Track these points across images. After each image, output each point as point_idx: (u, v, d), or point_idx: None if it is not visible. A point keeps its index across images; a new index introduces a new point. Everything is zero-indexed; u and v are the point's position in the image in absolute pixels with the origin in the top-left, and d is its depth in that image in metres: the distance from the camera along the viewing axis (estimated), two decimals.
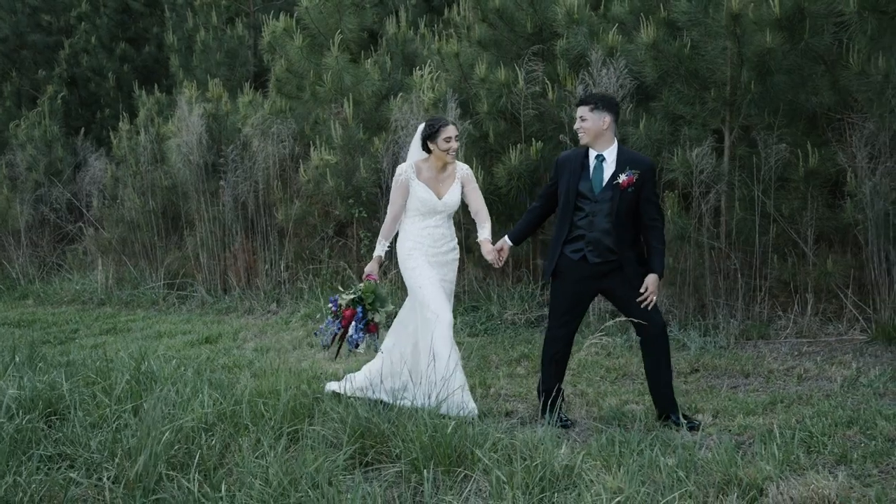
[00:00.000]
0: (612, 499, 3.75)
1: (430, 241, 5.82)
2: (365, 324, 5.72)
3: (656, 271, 5.30)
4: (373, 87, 10.72)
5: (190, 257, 11.61)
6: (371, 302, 5.71)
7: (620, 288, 5.32)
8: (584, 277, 5.32)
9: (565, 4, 8.49)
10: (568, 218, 5.32)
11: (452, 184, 5.86)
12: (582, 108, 5.35)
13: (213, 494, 4.13)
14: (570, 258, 5.33)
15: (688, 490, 3.99)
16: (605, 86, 7.91)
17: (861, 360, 6.39)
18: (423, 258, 5.79)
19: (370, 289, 5.75)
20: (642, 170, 5.25)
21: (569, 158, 5.46)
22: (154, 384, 5.96)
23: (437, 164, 5.83)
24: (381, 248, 6.01)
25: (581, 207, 5.30)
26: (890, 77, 6.60)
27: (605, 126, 5.29)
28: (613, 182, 5.23)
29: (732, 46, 7.33)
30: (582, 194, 5.29)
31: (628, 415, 5.43)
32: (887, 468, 4.38)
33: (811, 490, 3.91)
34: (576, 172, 5.32)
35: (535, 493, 3.97)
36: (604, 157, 5.30)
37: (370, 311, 5.72)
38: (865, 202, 6.77)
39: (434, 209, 5.80)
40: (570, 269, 5.34)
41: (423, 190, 5.78)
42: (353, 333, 5.69)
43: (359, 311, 5.69)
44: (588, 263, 5.29)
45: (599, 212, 5.25)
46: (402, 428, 4.82)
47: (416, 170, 5.86)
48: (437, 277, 5.77)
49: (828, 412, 5.17)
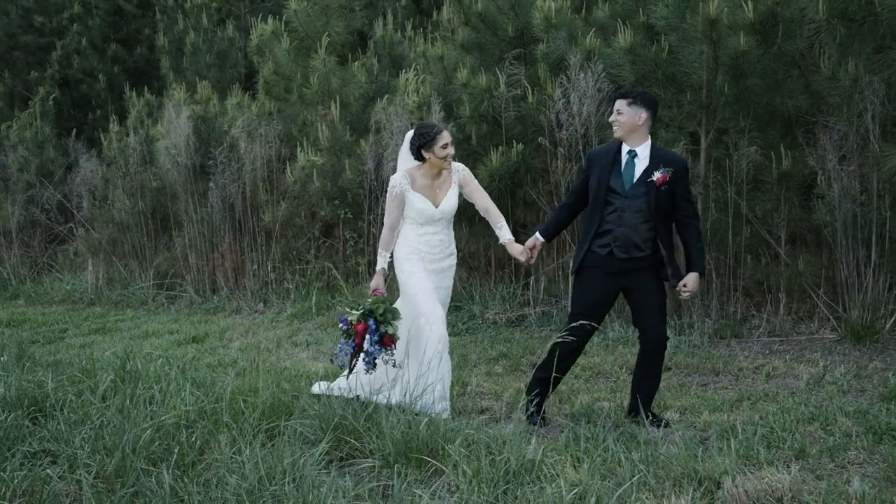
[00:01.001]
0: (570, 490, 3.89)
1: (427, 248, 5.79)
2: (379, 336, 5.55)
3: (696, 269, 5.27)
4: (360, 90, 10.87)
5: (179, 258, 11.74)
6: (382, 313, 5.56)
7: (639, 291, 5.30)
8: (609, 273, 5.26)
9: (543, 9, 8.64)
10: (598, 213, 5.27)
11: (449, 189, 5.80)
12: (620, 101, 5.30)
13: (189, 488, 4.24)
14: (598, 253, 5.27)
15: (647, 483, 4.13)
16: (583, 89, 8.06)
17: (829, 358, 6.54)
18: (420, 264, 5.77)
19: (379, 301, 5.62)
20: (676, 168, 5.21)
21: (600, 153, 5.41)
22: (138, 383, 6.08)
23: (431, 171, 5.77)
24: (382, 261, 5.89)
25: (611, 202, 5.24)
26: (858, 82, 6.74)
27: (641, 122, 5.23)
28: (647, 179, 5.19)
29: (708, 50, 7.47)
30: (612, 189, 5.24)
31: (598, 412, 5.57)
32: (843, 462, 4.53)
33: (765, 483, 4.05)
34: (607, 167, 5.27)
35: (499, 486, 4.11)
36: (636, 152, 5.26)
37: (382, 323, 5.56)
38: (834, 204, 6.92)
39: (432, 218, 5.75)
40: (595, 264, 5.28)
41: (420, 200, 5.73)
42: (369, 347, 5.53)
43: (371, 324, 5.54)
44: (615, 259, 5.24)
45: (629, 207, 5.20)
46: (377, 425, 4.96)
47: (409, 179, 5.78)
48: (432, 286, 5.75)
49: (791, 409, 5.32)
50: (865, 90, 6.65)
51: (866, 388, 5.78)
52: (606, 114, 8.06)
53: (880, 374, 6.00)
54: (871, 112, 6.67)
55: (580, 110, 8.10)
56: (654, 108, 5.35)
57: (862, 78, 6.70)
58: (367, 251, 10.03)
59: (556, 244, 8.64)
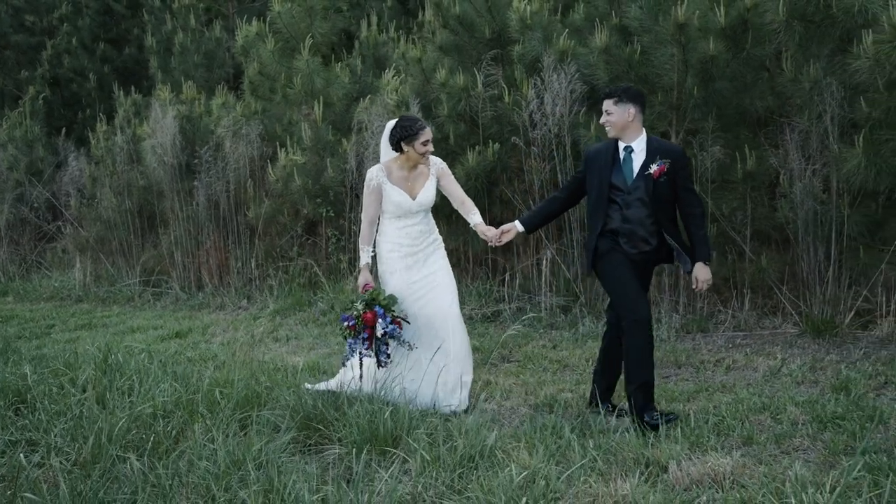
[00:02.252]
0: (520, 473, 4.09)
1: (408, 241, 5.82)
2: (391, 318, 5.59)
3: (700, 258, 5.24)
4: (343, 90, 11.06)
5: (165, 255, 11.92)
6: (384, 300, 5.62)
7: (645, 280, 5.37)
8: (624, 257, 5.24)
9: (519, 10, 8.84)
10: (602, 211, 5.26)
11: (427, 181, 5.83)
12: (606, 101, 5.29)
13: (160, 474, 4.43)
14: (608, 244, 5.26)
15: (596, 468, 4.33)
16: (557, 90, 8.26)
17: (789, 351, 6.75)
18: (402, 262, 5.81)
19: (377, 290, 5.68)
20: (673, 158, 5.20)
21: (599, 151, 5.38)
22: (116, 375, 6.28)
23: (408, 164, 5.80)
24: (365, 256, 5.90)
25: (615, 200, 5.24)
26: (818, 84, 6.95)
27: (631, 118, 5.23)
28: (645, 172, 5.19)
29: (678, 53, 7.68)
30: (615, 187, 5.24)
31: (561, 402, 5.78)
32: (788, 449, 4.73)
33: (708, 468, 4.26)
34: (607, 165, 5.26)
35: (455, 471, 4.31)
36: (632, 147, 5.25)
37: (387, 307, 5.61)
38: (796, 202, 7.13)
39: (409, 210, 5.78)
40: (610, 250, 5.25)
41: (397, 193, 5.75)
42: (385, 328, 5.54)
43: (378, 310, 5.57)
44: (625, 252, 5.24)
45: (633, 203, 5.19)
46: (344, 414, 5.16)
47: (386, 172, 5.80)
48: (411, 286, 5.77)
49: (744, 399, 5.52)
50: (824, 92, 6.86)
51: (819, 380, 5.99)
52: (581, 114, 8.33)
53: (834, 367, 6.21)
54: (829, 113, 6.87)
55: (553, 110, 8.30)
56: (642, 100, 5.34)
57: (821, 80, 6.90)
58: (349, 248, 10.22)
59: (532, 241, 8.85)
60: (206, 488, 4.30)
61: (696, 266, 5.26)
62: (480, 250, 9.27)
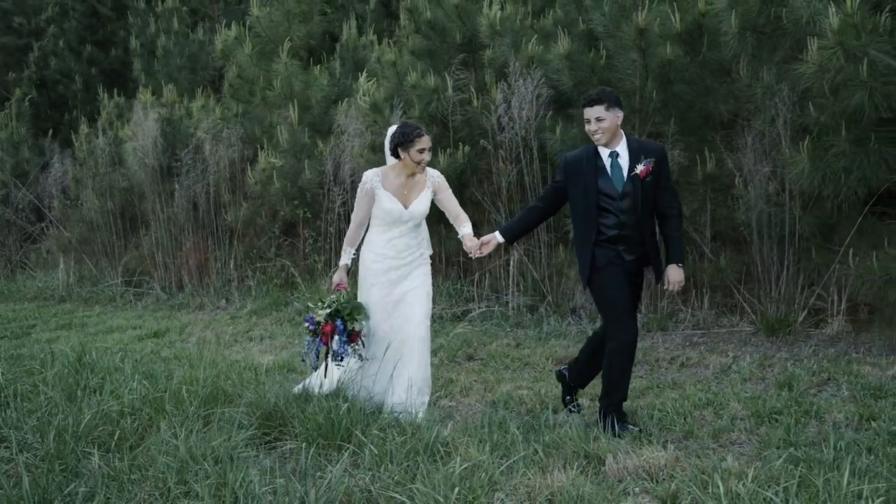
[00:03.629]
0: (462, 464, 4.29)
1: (393, 253, 5.67)
2: (347, 335, 5.58)
3: (675, 260, 5.20)
4: (322, 93, 11.25)
5: (146, 256, 12.10)
6: (349, 312, 5.57)
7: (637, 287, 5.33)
8: (622, 269, 5.17)
9: (489, 17, 9.04)
10: (593, 220, 5.14)
11: (422, 192, 5.68)
12: (597, 108, 5.11)
13: (121, 468, 4.62)
14: (607, 255, 5.16)
15: (537, 460, 4.53)
16: (523, 94, 8.46)
17: (742, 349, 6.95)
18: (385, 277, 5.67)
19: (345, 299, 5.61)
20: (656, 157, 5.15)
21: (578, 159, 5.23)
22: (83, 373, 6.47)
23: (404, 171, 5.66)
24: (346, 257, 5.87)
25: (606, 208, 5.12)
26: (771, 89, 7.15)
27: (619, 122, 5.17)
28: (632, 174, 5.11)
29: (639, 58, 7.88)
30: (605, 194, 5.12)
31: (516, 399, 5.97)
32: (726, 442, 4.94)
33: (643, 460, 4.45)
34: (591, 173, 5.14)
35: (402, 464, 4.50)
36: (617, 153, 5.16)
37: (349, 321, 5.57)
38: (750, 204, 7.33)
39: (399, 219, 5.63)
40: (608, 263, 5.15)
41: (389, 199, 5.61)
42: (338, 348, 5.54)
43: (338, 323, 5.53)
44: (624, 262, 5.17)
45: (627, 208, 5.10)
46: (302, 411, 5.35)
47: (381, 177, 5.67)
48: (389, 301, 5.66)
49: (690, 395, 5.72)
50: (776, 97, 7.06)
51: (766, 377, 6.19)
52: (546, 118, 8.53)
53: (782, 364, 6.41)
54: (781, 118, 7.08)
55: (520, 114, 8.50)
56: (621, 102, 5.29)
57: (773, 86, 7.11)
58: (326, 250, 10.42)
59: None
60: (164, 482, 4.49)
61: (669, 267, 5.22)
62: (452, 252, 9.46)
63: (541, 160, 8.64)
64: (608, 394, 5.21)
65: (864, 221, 7.00)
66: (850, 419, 5.11)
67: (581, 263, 5.27)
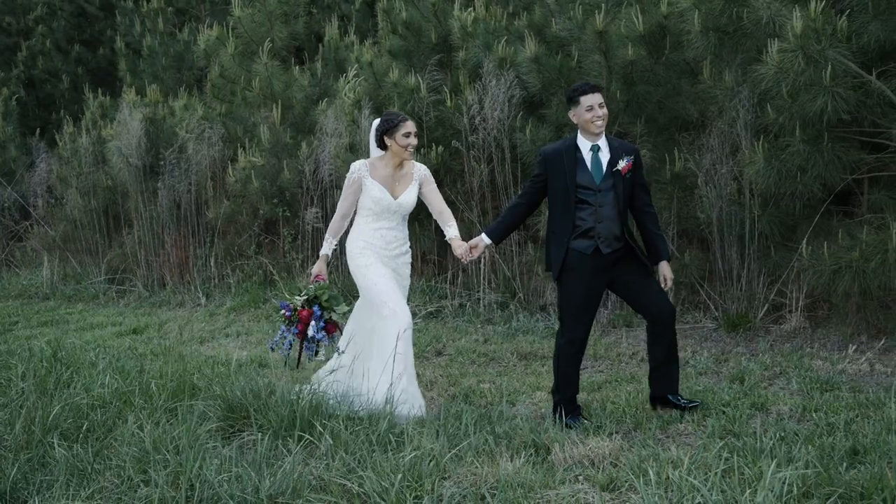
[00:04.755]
0: (411, 453, 4.45)
1: (382, 244, 5.66)
2: (324, 323, 5.54)
3: (665, 257, 5.32)
4: (302, 93, 11.40)
5: (129, 254, 12.24)
6: (327, 299, 5.53)
7: (627, 276, 5.29)
8: (596, 270, 5.20)
9: (461, 19, 9.21)
10: (570, 213, 5.17)
11: (410, 184, 5.68)
12: (599, 95, 5.24)
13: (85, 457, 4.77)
14: (582, 253, 5.17)
15: (486, 450, 4.69)
16: (495, 95, 8.62)
17: (702, 345, 7.12)
18: (376, 256, 5.63)
19: (323, 287, 5.58)
20: (634, 155, 5.25)
21: (557, 152, 5.27)
22: (64, 368, 6.62)
23: (393, 161, 5.63)
24: (328, 247, 5.82)
25: (584, 200, 5.16)
26: (732, 90, 7.32)
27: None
28: (612, 170, 5.17)
29: (601, 60, 8.04)
30: (584, 186, 5.16)
31: (477, 392, 6.13)
32: (673, 433, 5.10)
33: (588, 450, 4.61)
34: (570, 166, 5.18)
35: (357, 454, 4.66)
36: (599, 146, 5.21)
37: (327, 309, 5.54)
38: (710, 203, 7.50)
39: (388, 209, 5.61)
40: (581, 263, 5.18)
41: (377, 189, 5.58)
42: (314, 334, 5.49)
43: (315, 310, 5.50)
44: (601, 255, 5.17)
45: (605, 202, 5.16)
46: (266, 403, 5.50)
47: (369, 167, 5.64)
48: (390, 274, 5.64)
49: (645, 388, 5.87)
50: (736, 99, 7.23)
51: (721, 371, 6.36)
52: (517, 118, 8.69)
53: (738, 359, 6.58)
54: (741, 120, 7.25)
55: (492, 115, 8.66)
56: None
57: (734, 87, 7.28)
58: (304, 248, 10.57)
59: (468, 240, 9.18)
60: (125, 471, 4.64)
61: (661, 265, 5.34)
62: (427, 249, 9.62)
63: (512, 160, 8.80)
64: (560, 388, 5.36)
65: (821, 219, 7.17)
66: (794, 411, 5.27)
67: (553, 259, 5.30)
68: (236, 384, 5.94)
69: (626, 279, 5.29)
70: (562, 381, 5.34)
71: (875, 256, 6.28)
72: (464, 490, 4.23)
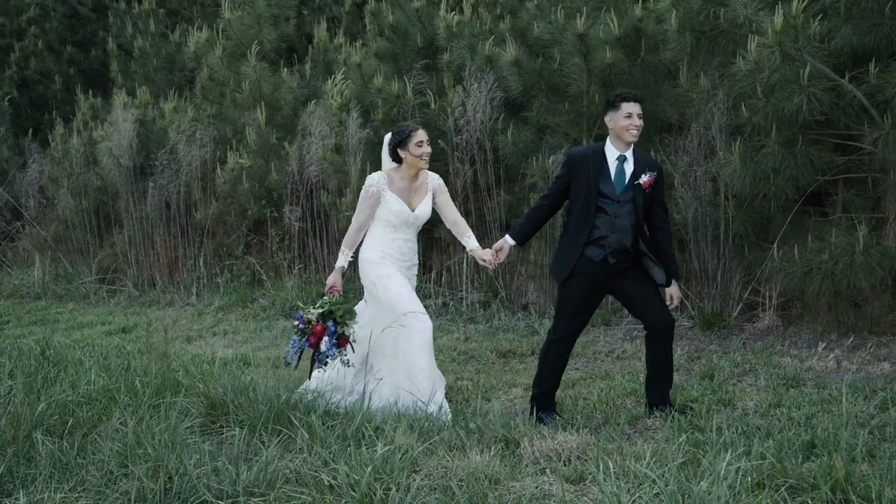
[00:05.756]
0: (383, 448, 4.59)
1: (398, 255, 5.70)
2: (337, 338, 5.51)
3: (674, 276, 5.38)
4: (291, 94, 11.54)
5: (119, 254, 12.38)
6: (341, 314, 5.50)
7: (629, 284, 5.32)
8: (601, 278, 5.26)
9: (447, 20, 9.36)
10: (589, 219, 5.21)
11: (425, 195, 5.71)
12: (639, 105, 5.28)
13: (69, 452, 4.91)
14: (591, 259, 5.22)
15: (458, 444, 4.83)
16: (477, 98, 8.77)
17: (677, 343, 7.21)
18: (394, 266, 5.67)
19: (338, 301, 5.54)
20: (658, 171, 5.30)
21: (585, 156, 5.31)
22: (53, 367, 6.76)
23: (409, 172, 5.66)
24: (343, 259, 5.77)
25: (602, 208, 5.19)
26: (708, 92, 7.47)
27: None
28: (634, 182, 5.20)
29: (581, 62, 8.19)
30: (604, 195, 5.19)
31: (455, 389, 6.28)
32: (641, 428, 5.25)
33: (556, 443, 4.76)
34: (595, 172, 5.21)
35: (332, 448, 4.80)
36: (625, 157, 5.26)
37: (340, 324, 5.51)
38: (686, 204, 7.65)
39: (406, 221, 5.65)
40: (587, 270, 5.23)
41: (396, 202, 5.62)
42: (326, 349, 5.48)
43: (330, 325, 5.47)
44: (608, 264, 5.23)
45: (621, 213, 5.19)
46: (247, 399, 5.64)
47: (388, 180, 5.65)
48: (408, 284, 5.71)
49: (617, 385, 6.04)
50: (711, 101, 7.38)
51: (693, 368, 6.52)
52: (499, 120, 8.83)
53: (710, 356, 6.74)
54: (716, 122, 7.40)
55: (475, 117, 8.81)
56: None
57: (710, 90, 7.43)
58: (292, 248, 10.71)
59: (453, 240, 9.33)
60: (107, 465, 4.78)
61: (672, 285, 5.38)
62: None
63: (494, 161, 8.95)
64: (541, 381, 5.46)
65: (797, 219, 7.33)
66: (759, 406, 5.43)
67: (562, 262, 5.31)
68: (219, 381, 6.11)
69: (628, 287, 5.34)
70: (544, 375, 5.44)
71: (843, 259, 6.44)
72: (433, 482, 4.37)
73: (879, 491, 3.59)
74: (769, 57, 6.50)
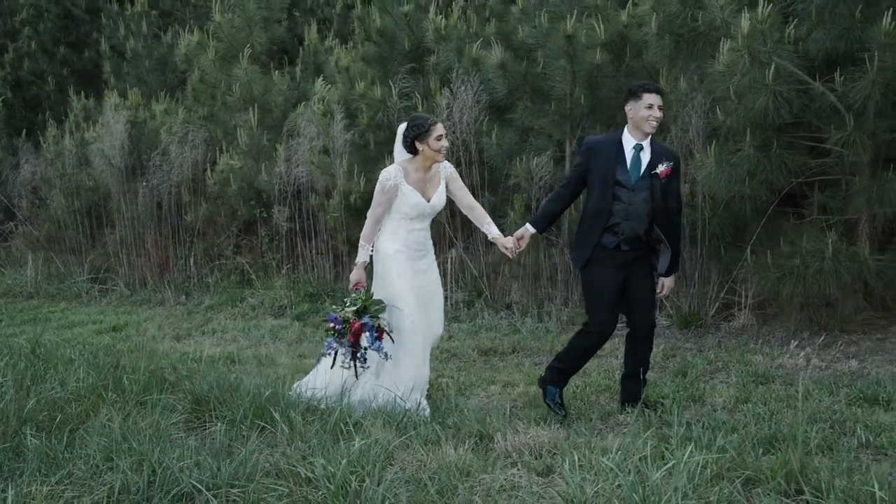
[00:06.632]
0: (362, 441, 4.74)
1: (416, 245, 5.71)
2: (376, 331, 5.55)
3: (676, 269, 5.44)
4: (281, 96, 11.69)
5: (111, 254, 12.52)
6: (375, 308, 5.55)
7: (633, 282, 5.37)
8: (616, 265, 5.30)
9: (435, 22, 9.52)
10: (606, 207, 5.26)
11: (438, 185, 5.72)
12: (658, 96, 5.31)
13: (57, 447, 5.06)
14: (606, 246, 5.28)
15: (432, 438, 4.99)
16: (464, 100, 8.93)
17: (655, 341, 7.40)
18: (409, 263, 5.68)
19: (368, 296, 5.58)
20: (675, 161, 5.32)
21: (602, 144, 5.36)
22: (43, 364, 6.90)
23: (424, 164, 5.65)
24: (364, 254, 5.75)
25: (618, 196, 5.24)
26: (686, 96, 7.64)
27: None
28: (651, 172, 5.24)
29: (566, 65, 8.35)
30: (620, 183, 5.23)
31: (436, 386, 6.43)
32: (612, 424, 5.41)
33: (529, 438, 4.92)
34: (611, 160, 5.25)
35: (311, 442, 4.96)
36: (643, 146, 5.28)
37: (374, 317, 5.54)
38: None
39: (423, 213, 5.66)
40: (605, 256, 5.29)
41: (413, 193, 5.60)
42: (368, 344, 5.53)
43: (367, 319, 5.53)
44: (621, 252, 5.29)
45: (636, 201, 5.23)
46: (230, 396, 5.80)
47: (404, 172, 5.63)
48: (417, 287, 5.69)
49: (593, 382, 6.20)
50: (688, 105, 7.55)
51: (668, 366, 6.68)
52: (484, 122, 8.98)
53: (684, 354, 6.90)
54: (694, 125, 7.56)
55: (461, 119, 8.96)
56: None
57: (687, 94, 7.59)
58: (282, 248, 10.86)
59: (444, 239, 9.50)
60: (93, 459, 4.93)
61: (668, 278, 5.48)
62: None
63: (480, 163, 9.10)
64: (564, 358, 5.50)
65: (773, 221, 7.49)
66: (727, 402, 5.59)
67: (581, 248, 5.37)
68: (205, 379, 6.26)
69: (631, 284, 5.38)
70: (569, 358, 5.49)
71: (814, 264, 6.61)
72: (406, 475, 4.53)
73: (830, 481, 3.75)
74: (738, 60, 6.65)
